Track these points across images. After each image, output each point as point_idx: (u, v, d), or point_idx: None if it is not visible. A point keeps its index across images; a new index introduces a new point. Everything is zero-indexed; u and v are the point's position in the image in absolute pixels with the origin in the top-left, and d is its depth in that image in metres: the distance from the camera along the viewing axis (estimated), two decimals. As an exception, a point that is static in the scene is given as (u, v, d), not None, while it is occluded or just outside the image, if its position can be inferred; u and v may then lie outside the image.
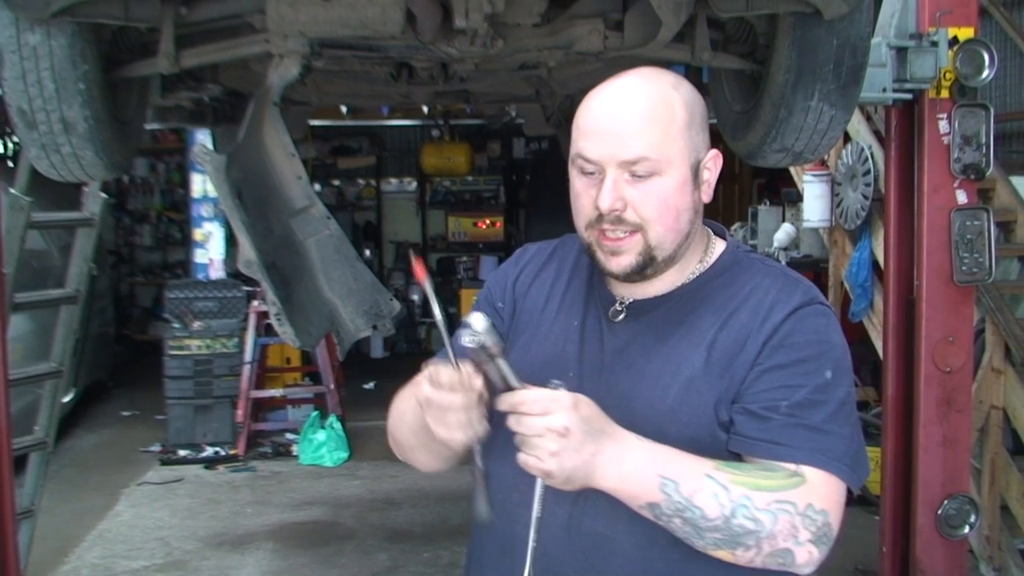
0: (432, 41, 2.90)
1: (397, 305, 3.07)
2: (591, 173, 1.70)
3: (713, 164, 1.77)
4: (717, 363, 1.69)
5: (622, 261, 1.72)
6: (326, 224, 3.02)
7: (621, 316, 1.79)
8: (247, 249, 2.73)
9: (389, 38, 2.93)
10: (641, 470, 1.59)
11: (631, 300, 1.80)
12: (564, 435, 1.54)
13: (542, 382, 1.61)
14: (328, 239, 3.02)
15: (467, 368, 1.63)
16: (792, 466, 1.64)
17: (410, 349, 12.23)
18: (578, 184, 1.73)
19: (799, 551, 1.63)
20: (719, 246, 1.83)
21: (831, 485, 1.65)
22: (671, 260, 1.75)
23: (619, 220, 1.69)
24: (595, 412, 1.60)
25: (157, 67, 2.90)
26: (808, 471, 1.64)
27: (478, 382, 1.62)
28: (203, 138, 7.34)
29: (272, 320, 2.84)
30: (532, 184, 12.69)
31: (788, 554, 1.63)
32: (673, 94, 1.69)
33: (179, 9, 2.82)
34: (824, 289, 7.17)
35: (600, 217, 1.69)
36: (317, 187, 12.35)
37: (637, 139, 1.65)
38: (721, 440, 1.68)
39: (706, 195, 1.76)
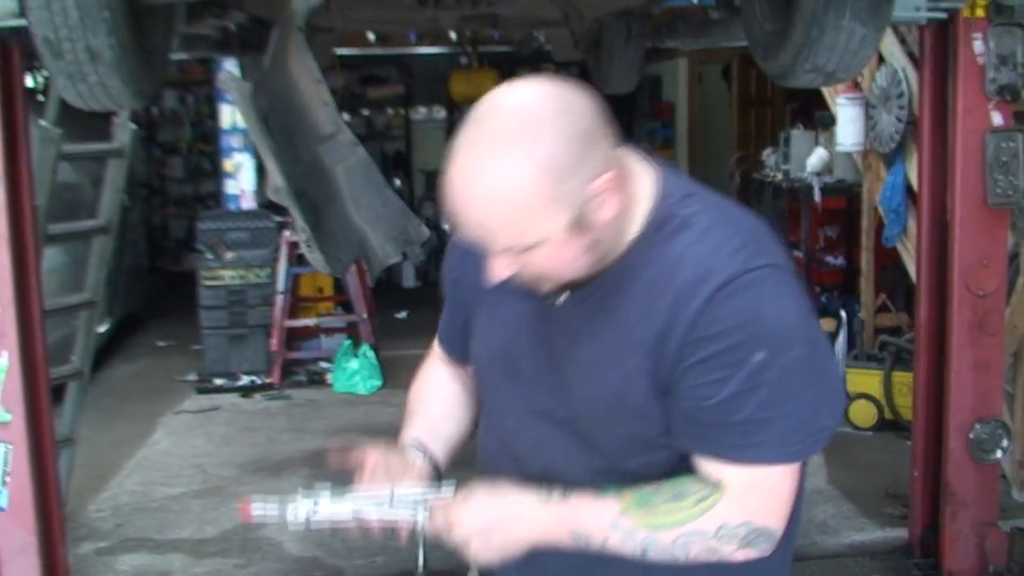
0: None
1: (426, 231, 3.07)
2: None
3: (608, 191, 1.54)
4: (648, 354, 1.59)
5: (543, 290, 1.67)
6: (354, 150, 3.02)
7: (561, 299, 1.69)
8: (275, 176, 2.73)
9: (414, -39, 2.91)
10: (552, 532, 1.65)
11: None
12: (472, 538, 1.67)
13: (504, 373, 1.77)
14: (356, 165, 3.01)
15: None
16: (716, 470, 1.60)
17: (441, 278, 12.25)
18: None
19: (735, 556, 1.63)
20: (645, 200, 1.64)
21: (761, 480, 1.60)
22: (599, 269, 1.64)
23: (519, 276, 1.62)
24: (488, 503, 1.69)
25: (183, -8, 2.90)
26: (731, 474, 1.59)
27: None
28: (230, 67, 7.31)
29: (302, 247, 2.86)
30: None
31: (727, 559, 1.64)
32: (526, 168, 1.46)
33: (203, -66, 2.81)
34: (857, 214, 7.13)
35: None
36: (346, 117, 12.33)
37: (497, 235, 1.53)
38: (661, 430, 1.64)
39: (610, 211, 1.56)
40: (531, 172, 1.46)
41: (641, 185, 1.65)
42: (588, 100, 1.55)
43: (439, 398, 2.03)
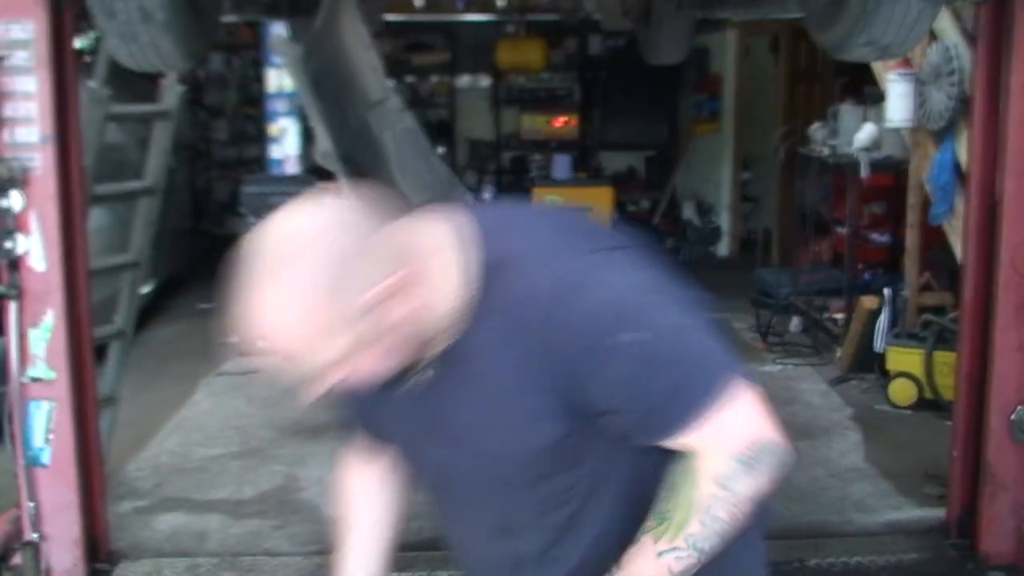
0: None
1: (471, 198, 3.07)
2: None
3: (390, 295, 1.51)
4: (537, 392, 1.59)
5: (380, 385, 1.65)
6: (401, 117, 3.02)
7: (417, 383, 1.67)
8: (324, 140, 2.74)
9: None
10: None
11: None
12: None
13: (415, 468, 1.84)
14: (404, 132, 3.02)
15: None
16: (680, 443, 1.59)
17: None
18: None
19: (761, 487, 1.61)
20: (455, 269, 1.60)
21: (717, 421, 1.56)
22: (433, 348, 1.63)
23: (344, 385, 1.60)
24: None
25: (233, -45, 2.90)
26: (692, 437, 1.58)
27: None
28: (279, 31, 7.33)
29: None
30: (607, 82, 12.55)
31: (760, 495, 1.62)
32: (291, 304, 1.47)
33: None
34: (903, 191, 7.05)
35: None
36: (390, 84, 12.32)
37: (293, 363, 1.54)
38: (567, 456, 1.65)
39: (399, 311, 1.53)
40: (296, 307, 1.47)
41: (445, 259, 1.60)
42: (348, 215, 1.52)
43: (360, 531, 2.02)
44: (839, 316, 7.49)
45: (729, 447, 1.59)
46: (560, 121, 12.51)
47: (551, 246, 1.63)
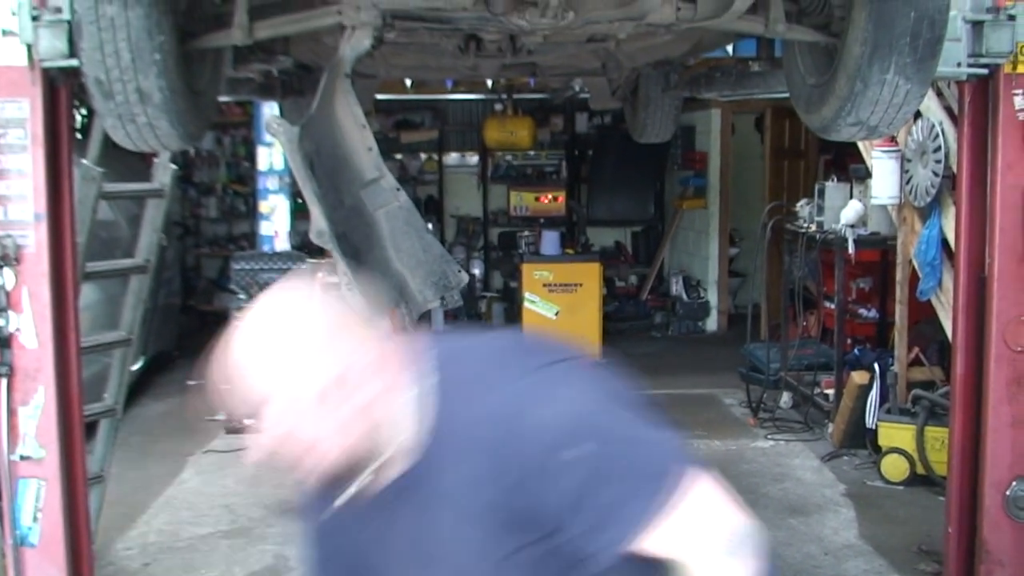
0: (503, 12, 2.89)
1: (465, 276, 3.08)
2: None
3: (364, 385, 1.61)
4: (494, 514, 1.60)
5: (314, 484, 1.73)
6: (395, 195, 3.04)
7: (350, 496, 1.68)
8: (319, 219, 2.75)
9: (460, 9, 2.93)
10: None
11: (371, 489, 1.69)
12: None
13: None
14: (398, 210, 3.03)
15: None
16: (655, 546, 1.57)
17: (471, 322, 12.27)
18: None
19: (759, 570, 1.59)
20: (406, 401, 1.65)
21: (687, 520, 1.56)
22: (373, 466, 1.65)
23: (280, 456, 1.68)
24: None
25: (231, 38, 2.93)
26: (664, 537, 1.56)
27: None
28: (270, 111, 7.40)
29: (342, 290, 2.86)
30: (595, 159, 12.66)
31: None
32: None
33: (253, -20, 2.85)
34: (891, 266, 7.09)
35: None
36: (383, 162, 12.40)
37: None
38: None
39: (362, 397, 1.61)
40: (272, 352, 1.59)
41: (403, 378, 1.64)
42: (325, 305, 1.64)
43: None
44: (830, 391, 7.49)
45: (710, 545, 1.57)
46: (547, 198, 12.59)
47: (500, 368, 1.66)
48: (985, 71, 4.01)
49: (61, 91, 3.69)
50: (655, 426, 1.63)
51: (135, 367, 7.33)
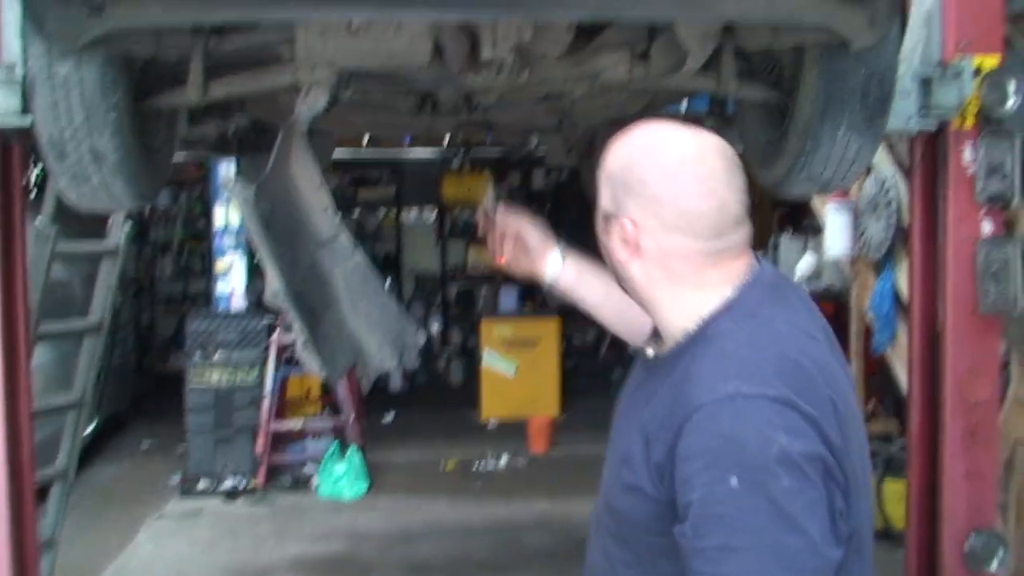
0: (459, 72, 2.90)
1: (423, 337, 3.07)
2: None
3: (627, 233, 1.79)
4: (646, 457, 1.68)
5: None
6: (352, 254, 3.02)
7: (644, 371, 1.87)
8: (274, 280, 2.73)
9: (417, 69, 2.94)
10: None
11: (652, 357, 1.87)
12: None
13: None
14: (355, 269, 3.02)
15: None
16: None
17: (430, 381, 12.21)
18: None
19: None
20: (700, 307, 1.76)
21: None
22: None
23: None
24: None
25: (186, 97, 2.91)
26: None
27: None
28: (227, 167, 7.37)
29: (299, 350, 2.84)
30: (552, 214, 12.71)
31: None
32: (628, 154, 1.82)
33: (209, 40, 2.83)
34: (845, 321, 7.15)
35: None
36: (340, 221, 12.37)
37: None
38: (660, 527, 1.67)
39: (620, 250, 1.83)
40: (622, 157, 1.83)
41: (702, 296, 1.76)
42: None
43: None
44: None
45: None
46: (505, 254, 12.59)
47: (736, 361, 1.65)
48: (934, 126, 4.07)
49: (14, 150, 3.65)
50: (796, 524, 1.56)
51: (88, 429, 7.25)
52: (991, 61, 4.06)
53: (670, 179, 1.74)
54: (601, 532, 1.84)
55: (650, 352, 1.86)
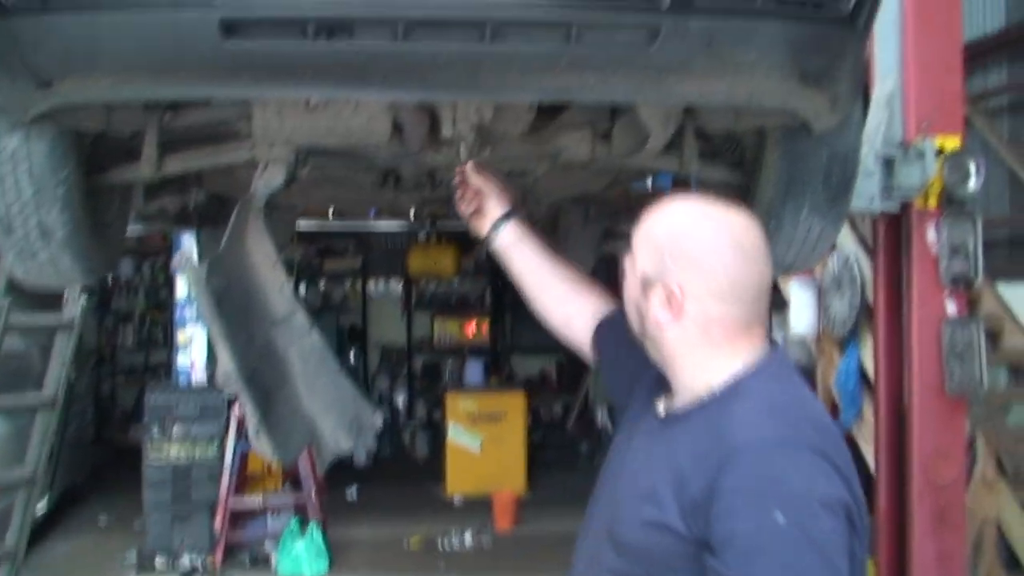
0: (419, 150, 2.86)
1: (379, 419, 3.00)
2: None
3: (674, 300, 1.87)
4: (678, 494, 1.75)
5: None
6: (308, 333, 2.96)
7: (657, 420, 1.95)
8: (225, 360, 2.66)
9: (376, 147, 2.90)
10: None
11: (668, 407, 1.95)
12: None
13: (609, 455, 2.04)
14: (311, 348, 2.95)
15: None
16: None
17: (394, 454, 12.07)
18: None
19: None
20: (726, 372, 1.87)
21: None
22: (644, 346, 1.97)
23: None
24: None
25: (140, 173, 2.85)
26: None
27: None
28: (188, 239, 7.29)
29: (250, 433, 2.76)
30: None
31: None
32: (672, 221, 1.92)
33: (163, 115, 2.78)
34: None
35: None
36: (302, 289, 12.29)
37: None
38: (680, 564, 1.75)
39: (659, 316, 1.90)
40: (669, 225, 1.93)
41: (730, 359, 1.87)
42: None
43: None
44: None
45: None
46: (471, 326, 12.55)
47: (771, 410, 1.79)
48: (897, 205, 4.08)
49: (-35, 223, 3.58)
50: (832, 563, 1.67)
51: (42, 504, 7.09)
52: (953, 142, 4.09)
53: (720, 251, 1.85)
54: (600, 568, 1.90)
55: (661, 408, 1.96)
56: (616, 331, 2.22)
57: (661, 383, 1.99)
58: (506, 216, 2.53)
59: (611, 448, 2.10)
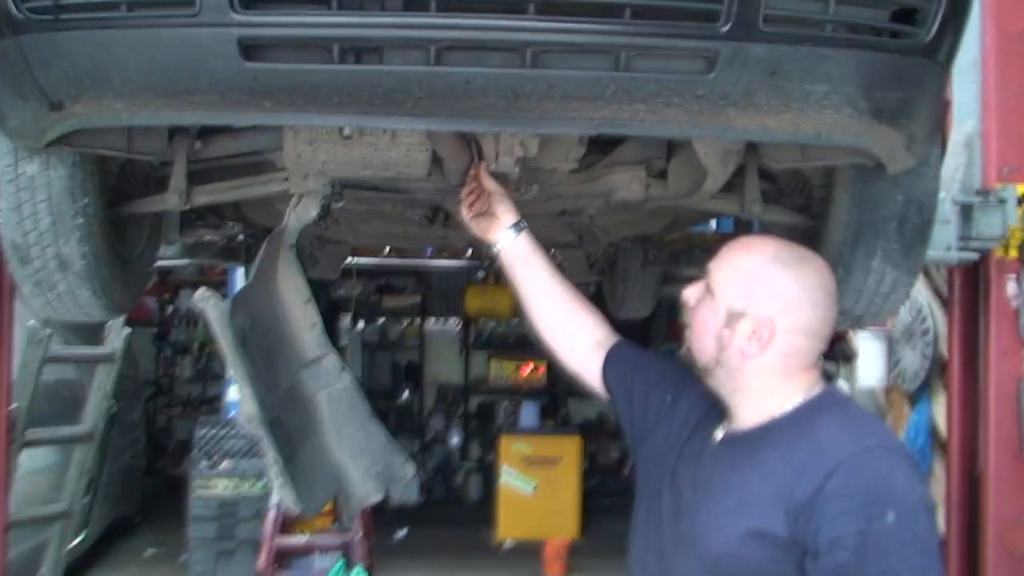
0: (460, 185, 2.69)
1: (412, 468, 2.81)
2: None
3: (758, 334, 2.00)
4: (779, 506, 1.86)
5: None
6: (339, 376, 2.79)
7: (716, 443, 2.06)
8: (249, 403, 2.50)
9: (415, 181, 2.74)
10: None
11: (728, 430, 2.06)
12: None
13: (644, 480, 2.22)
14: (341, 393, 2.78)
15: None
16: None
17: (447, 496, 11.88)
18: None
19: None
20: (811, 392, 2.02)
21: None
22: (707, 374, 2.09)
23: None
24: None
25: (167, 204, 2.72)
26: None
27: None
28: (241, 274, 7.20)
29: (272, 481, 2.59)
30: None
31: None
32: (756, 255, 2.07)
33: (192, 143, 2.65)
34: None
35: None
36: (360, 325, 12.18)
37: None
38: (776, 569, 1.87)
39: (745, 347, 2.01)
40: (758, 257, 2.06)
41: (801, 385, 2.02)
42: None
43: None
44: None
45: None
46: (528, 367, 12.32)
47: (858, 423, 1.98)
48: (975, 255, 3.86)
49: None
50: (934, 556, 1.83)
51: (77, 540, 6.98)
52: (1036, 189, 3.86)
53: (811, 289, 2.01)
54: None
55: (720, 432, 2.07)
56: (625, 363, 2.38)
57: (699, 409, 2.15)
58: (517, 224, 2.50)
59: (646, 476, 2.24)
